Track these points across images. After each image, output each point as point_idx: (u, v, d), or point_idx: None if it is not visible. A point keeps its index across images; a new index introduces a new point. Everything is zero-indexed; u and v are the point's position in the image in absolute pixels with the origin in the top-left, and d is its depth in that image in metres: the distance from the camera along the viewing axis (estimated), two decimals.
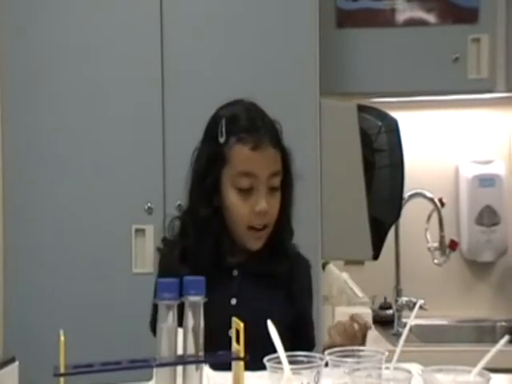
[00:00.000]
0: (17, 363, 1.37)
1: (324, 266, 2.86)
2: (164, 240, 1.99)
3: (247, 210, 1.83)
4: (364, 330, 1.79)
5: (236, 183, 1.83)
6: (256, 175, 1.81)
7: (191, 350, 1.28)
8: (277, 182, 1.84)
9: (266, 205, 1.81)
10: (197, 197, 1.91)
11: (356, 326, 1.78)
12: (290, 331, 1.80)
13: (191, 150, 2.67)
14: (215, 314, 1.33)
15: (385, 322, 3.04)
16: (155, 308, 1.35)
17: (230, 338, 1.30)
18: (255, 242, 1.87)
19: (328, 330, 1.81)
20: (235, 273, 1.88)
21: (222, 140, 1.85)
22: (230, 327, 1.46)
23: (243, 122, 1.86)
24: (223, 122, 1.87)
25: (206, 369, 1.43)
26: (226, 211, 1.86)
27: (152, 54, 2.68)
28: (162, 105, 2.68)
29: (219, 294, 1.79)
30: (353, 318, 1.80)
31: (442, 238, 3.10)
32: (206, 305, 1.46)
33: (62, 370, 1.17)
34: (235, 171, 1.83)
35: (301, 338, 1.82)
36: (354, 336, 1.76)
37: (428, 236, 3.12)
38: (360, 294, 2.87)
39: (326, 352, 1.37)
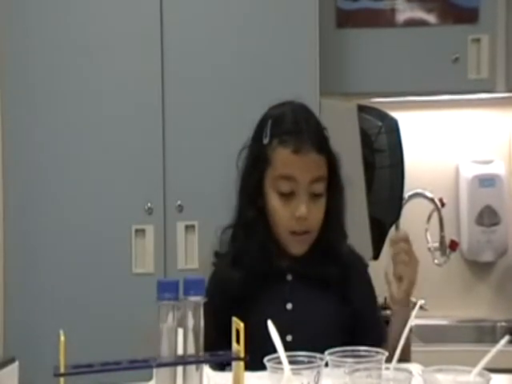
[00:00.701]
0: (17, 363, 1.37)
1: None
2: (216, 254, 1.95)
3: (288, 215, 1.81)
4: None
5: (277, 187, 1.81)
6: (296, 179, 1.79)
7: (191, 350, 1.28)
8: (319, 188, 1.81)
9: (305, 210, 1.79)
10: (243, 198, 1.88)
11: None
12: (347, 333, 1.78)
13: (191, 150, 2.69)
14: (272, 318, 1.32)
15: (385, 322, 3.03)
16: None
17: (287, 343, 1.29)
18: (298, 247, 1.84)
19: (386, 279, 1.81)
20: (289, 277, 1.86)
21: (265, 141, 1.83)
22: (287, 332, 1.47)
23: (287, 125, 1.83)
24: (269, 122, 1.85)
25: (206, 369, 1.44)
26: (269, 214, 1.84)
27: (152, 53, 2.68)
28: (162, 105, 2.68)
29: (274, 299, 1.82)
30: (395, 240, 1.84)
31: (442, 238, 3.11)
32: (260, 309, 1.46)
33: (62, 370, 1.17)
34: (276, 174, 1.81)
35: (362, 338, 1.65)
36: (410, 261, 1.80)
37: (428, 236, 3.12)
38: None
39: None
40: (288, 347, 1.31)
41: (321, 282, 1.83)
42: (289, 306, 1.83)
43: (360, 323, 1.85)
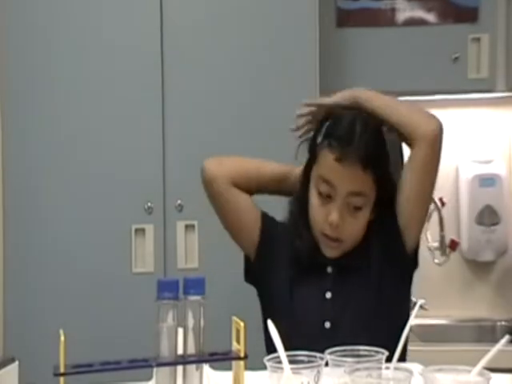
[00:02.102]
0: (16, 363, 1.37)
1: None
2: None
3: (322, 216, 1.83)
4: None
5: (317, 185, 1.84)
6: (334, 186, 1.80)
7: (191, 350, 1.28)
8: (358, 202, 1.82)
9: (337, 218, 1.80)
10: (299, 185, 1.92)
11: None
12: (385, 319, 1.80)
13: (191, 150, 2.69)
14: (312, 307, 1.34)
15: None
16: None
17: (326, 330, 1.31)
18: (328, 251, 1.87)
19: None
20: (329, 269, 1.89)
21: (319, 139, 1.85)
22: (326, 319, 1.49)
23: (341, 130, 1.83)
24: (328, 122, 1.86)
25: (207, 368, 1.44)
26: (309, 209, 1.87)
27: (152, 52, 2.68)
28: (162, 104, 2.68)
29: (314, 288, 1.86)
30: None
31: (442, 237, 3.10)
32: (302, 297, 1.49)
33: (62, 370, 1.17)
34: (319, 173, 1.84)
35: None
36: None
37: (428, 236, 3.11)
38: None
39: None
40: (327, 334, 1.33)
41: (362, 271, 1.86)
42: (328, 294, 1.85)
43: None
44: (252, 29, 2.71)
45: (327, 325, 1.77)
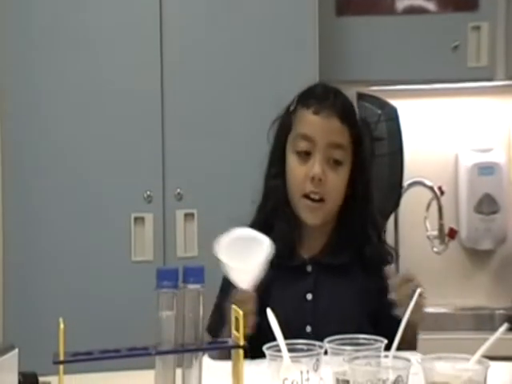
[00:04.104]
0: (16, 350, 1.37)
1: None
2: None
3: (302, 175, 1.80)
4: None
5: (295, 146, 1.82)
6: (314, 140, 1.79)
7: (191, 339, 1.28)
8: (338, 154, 1.80)
9: (320, 171, 1.77)
10: (268, 168, 1.89)
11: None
12: (371, 323, 1.75)
13: (191, 138, 2.69)
14: (291, 309, 1.32)
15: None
16: (217, 310, 1.30)
17: (306, 334, 1.28)
18: (310, 216, 1.82)
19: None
20: (309, 269, 1.84)
21: (291, 108, 1.85)
22: (307, 323, 1.46)
23: (314, 93, 1.85)
24: (297, 95, 1.88)
25: (206, 358, 1.44)
26: (287, 179, 1.83)
27: (151, 43, 2.67)
28: (162, 93, 2.68)
29: (294, 290, 1.80)
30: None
31: (441, 226, 3.11)
32: (281, 299, 1.46)
33: (62, 358, 1.18)
34: (296, 134, 1.83)
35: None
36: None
37: (427, 224, 3.12)
38: None
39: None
40: (307, 338, 1.31)
41: (343, 272, 1.82)
42: (309, 296, 1.80)
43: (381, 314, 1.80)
44: (251, 17, 2.70)
45: (308, 329, 1.71)
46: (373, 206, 1.88)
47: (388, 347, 1.31)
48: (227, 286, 1.63)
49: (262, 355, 1.32)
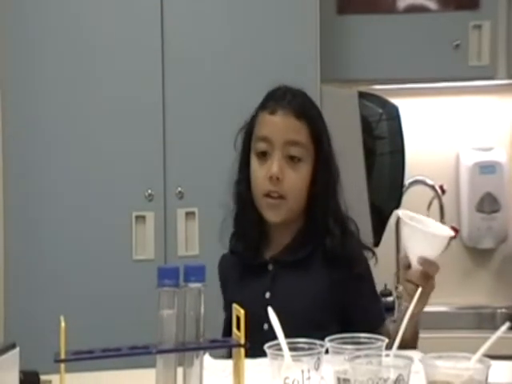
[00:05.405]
0: (17, 349, 1.37)
1: None
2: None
3: (262, 175, 1.82)
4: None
5: (255, 149, 1.84)
6: (271, 140, 1.81)
7: (192, 337, 1.28)
8: (296, 151, 1.81)
9: (277, 170, 1.79)
10: (236, 174, 1.92)
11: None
12: (336, 320, 1.77)
13: (191, 137, 2.69)
14: (250, 308, 1.32)
15: (385, 308, 3.04)
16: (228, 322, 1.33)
17: (265, 332, 1.29)
18: (271, 214, 1.83)
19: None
20: (270, 267, 1.86)
21: (254, 113, 1.89)
22: (264, 321, 1.47)
23: (274, 96, 1.88)
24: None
25: (206, 357, 1.44)
26: (251, 181, 1.86)
27: (152, 42, 2.67)
28: (163, 91, 2.68)
29: (254, 288, 1.84)
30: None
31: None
32: (242, 298, 1.47)
33: (63, 356, 1.17)
34: (256, 137, 1.85)
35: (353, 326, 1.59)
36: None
37: None
38: None
39: None
40: (265, 336, 1.31)
41: (303, 267, 1.83)
42: (267, 294, 1.83)
43: (350, 316, 1.82)
44: (252, 16, 2.70)
45: (265, 327, 1.67)
46: (337, 201, 1.87)
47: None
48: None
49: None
